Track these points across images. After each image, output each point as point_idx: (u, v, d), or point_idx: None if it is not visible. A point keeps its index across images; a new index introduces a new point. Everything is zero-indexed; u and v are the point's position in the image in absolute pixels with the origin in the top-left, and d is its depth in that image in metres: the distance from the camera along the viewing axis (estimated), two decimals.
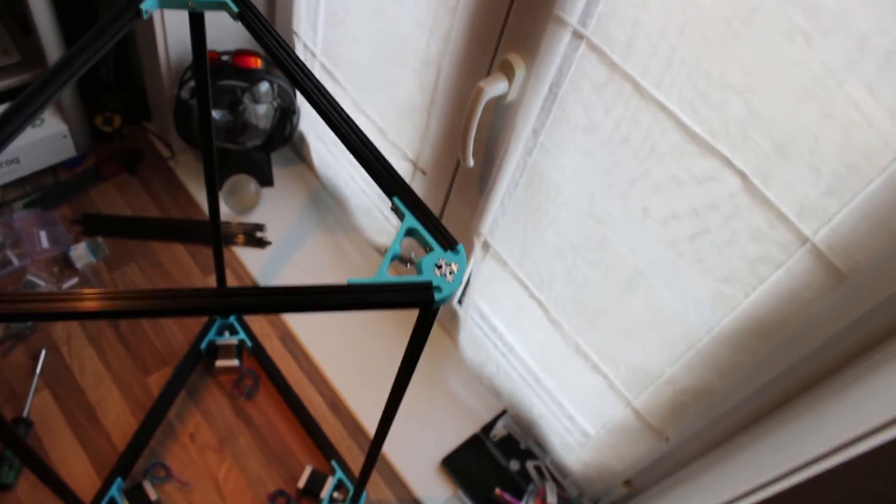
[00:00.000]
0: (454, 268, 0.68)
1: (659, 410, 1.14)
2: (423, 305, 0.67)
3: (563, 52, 0.96)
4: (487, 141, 1.15)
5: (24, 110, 0.72)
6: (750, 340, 0.90)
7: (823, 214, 0.76)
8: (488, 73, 1.10)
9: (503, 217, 1.22)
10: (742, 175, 0.82)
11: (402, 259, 0.69)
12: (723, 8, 0.77)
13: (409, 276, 0.67)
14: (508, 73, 1.04)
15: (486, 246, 1.29)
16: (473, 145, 1.10)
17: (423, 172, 1.34)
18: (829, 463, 0.66)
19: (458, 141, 1.11)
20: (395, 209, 0.72)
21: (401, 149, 1.37)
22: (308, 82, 0.78)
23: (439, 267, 0.68)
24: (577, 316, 1.20)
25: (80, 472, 1.32)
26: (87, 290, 0.61)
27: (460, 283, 0.68)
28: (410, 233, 0.71)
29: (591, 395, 1.29)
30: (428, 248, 0.70)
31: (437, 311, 0.71)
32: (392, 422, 1.03)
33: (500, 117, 1.11)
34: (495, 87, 1.03)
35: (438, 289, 0.67)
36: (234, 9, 0.82)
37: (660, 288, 1.03)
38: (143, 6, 0.80)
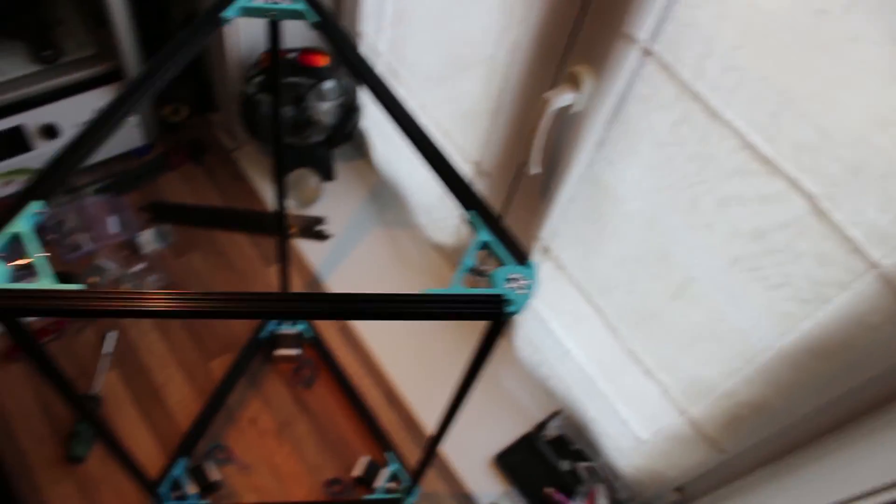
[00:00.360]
0: (525, 281, 0.71)
1: (715, 421, 1.15)
2: (494, 318, 0.70)
3: (631, 67, 0.97)
4: (552, 148, 1.16)
5: (112, 118, 0.76)
6: (810, 360, 0.90)
7: (893, 241, 0.77)
8: (554, 84, 1.11)
9: (564, 223, 1.23)
10: (809, 197, 0.83)
11: (475, 271, 0.72)
12: (797, 32, 0.77)
13: (481, 289, 0.70)
14: (575, 84, 1.05)
15: (545, 250, 1.31)
16: (538, 152, 1.12)
17: (486, 174, 1.36)
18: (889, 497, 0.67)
19: (524, 147, 1.13)
20: (470, 223, 0.74)
21: (465, 150, 1.39)
22: (385, 94, 0.81)
23: (511, 280, 0.71)
24: (635, 324, 1.21)
25: (145, 450, 1.38)
26: (164, 292, 0.64)
27: (530, 296, 0.70)
28: (484, 246, 0.73)
29: (647, 402, 1.30)
30: (500, 262, 0.72)
31: (505, 322, 0.73)
32: (451, 424, 1.06)
33: (565, 126, 1.12)
34: (562, 98, 1.05)
35: (510, 302, 0.69)
36: (313, 18, 0.84)
37: (720, 302, 1.04)
38: (226, 14, 0.83)
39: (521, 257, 0.72)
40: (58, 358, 1.44)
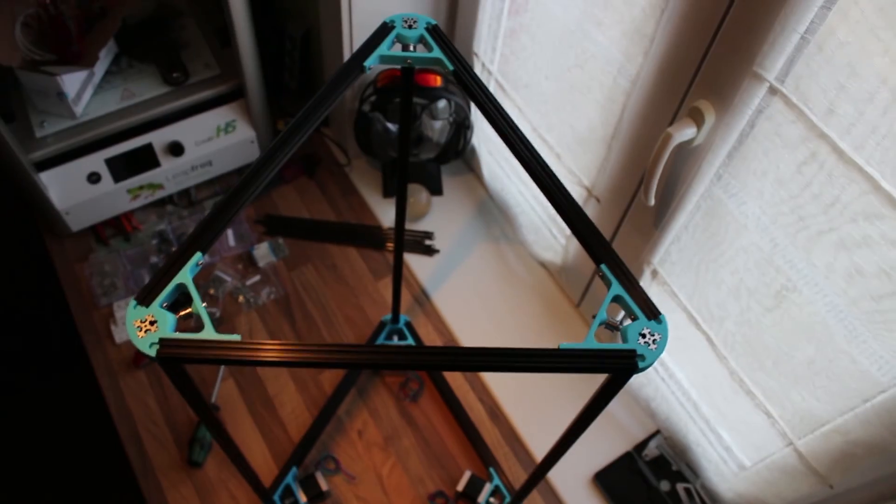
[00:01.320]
0: (657, 337, 0.72)
1: (825, 457, 1.14)
2: (627, 372, 0.72)
3: (757, 105, 0.96)
4: (668, 179, 1.17)
5: (267, 168, 0.80)
6: None
7: None
8: (674, 116, 1.11)
9: (676, 251, 1.24)
10: None
11: (609, 325, 0.74)
12: None
13: (615, 344, 0.72)
14: (697, 119, 1.05)
15: (654, 274, 1.32)
16: (655, 185, 1.13)
17: (598, 200, 1.37)
18: None
19: (642, 179, 1.14)
20: (602, 276, 0.76)
21: (576, 175, 1.41)
22: (522, 147, 0.83)
23: (643, 336, 0.72)
24: (745, 354, 1.21)
25: (258, 458, 1.44)
26: (314, 345, 0.68)
27: (662, 352, 0.72)
28: (617, 300, 0.75)
29: (752, 430, 1.30)
30: (633, 317, 0.74)
31: (626, 379, 0.75)
32: (562, 456, 1.08)
33: (682, 158, 1.12)
34: (684, 132, 1.05)
35: (642, 357, 0.71)
36: (450, 67, 0.87)
37: (838, 340, 1.03)
38: (367, 63, 0.87)
39: (653, 312, 0.73)
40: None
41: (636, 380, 1.50)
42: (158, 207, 1.71)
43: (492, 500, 1.42)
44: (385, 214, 1.76)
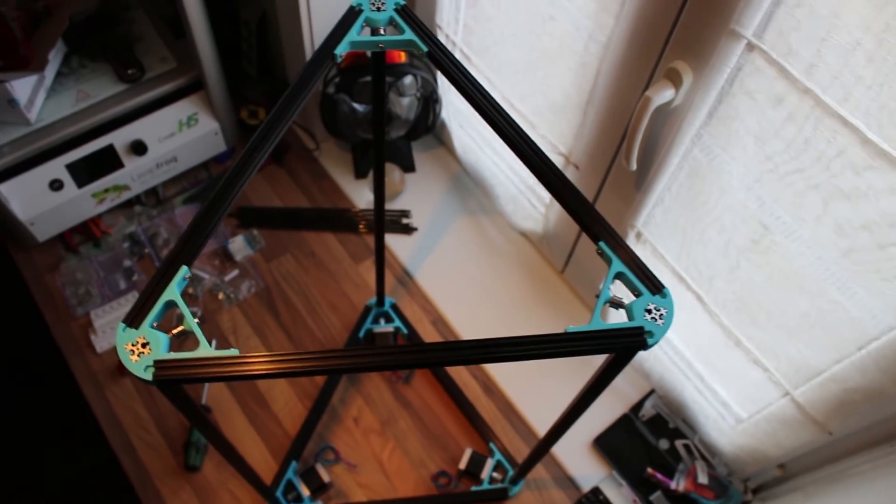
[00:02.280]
0: (664, 312, 0.71)
1: (822, 405, 1.15)
2: (636, 350, 0.70)
3: (735, 63, 0.95)
4: (648, 142, 1.15)
5: (246, 169, 0.77)
6: None
7: None
8: (650, 79, 1.09)
9: (661, 212, 1.23)
10: None
11: (613, 303, 0.72)
12: None
13: (621, 323, 0.70)
14: (675, 80, 1.04)
15: (639, 236, 1.31)
16: (636, 149, 1.11)
17: (576, 167, 1.35)
18: None
19: (620, 143, 1.12)
20: (601, 254, 0.75)
21: (552, 143, 1.39)
22: (506, 125, 0.81)
23: (649, 311, 0.71)
24: (736, 311, 1.21)
25: (256, 455, 1.42)
26: (321, 352, 0.66)
27: (669, 326, 0.71)
28: (619, 277, 0.73)
29: (747, 384, 1.30)
30: (636, 293, 0.73)
31: (631, 356, 0.74)
32: (563, 435, 1.08)
33: (661, 120, 1.11)
34: (662, 95, 1.03)
35: (650, 333, 0.70)
36: (424, 48, 0.84)
37: (831, 292, 1.03)
38: (337, 52, 0.84)
39: (657, 287, 0.72)
40: None
41: None
42: (126, 209, 1.66)
43: (495, 474, 1.41)
44: (359, 196, 1.72)
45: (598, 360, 1.52)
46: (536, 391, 1.52)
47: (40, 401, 2.09)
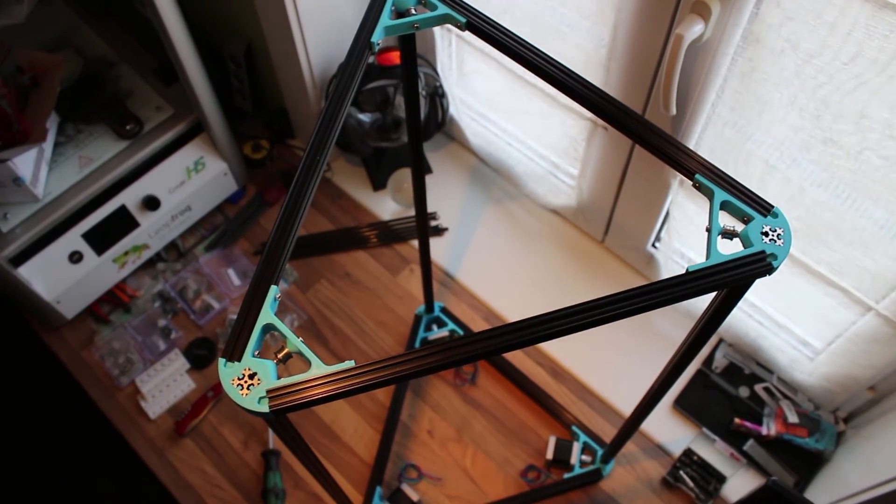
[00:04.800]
0: (780, 231, 0.67)
1: None
2: (760, 276, 0.66)
3: None
4: (680, 83, 1.11)
5: (312, 174, 0.73)
6: None
7: None
8: (672, 20, 1.06)
9: (705, 153, 1.19)
10: None
11: (725, 234, 0.68)
12: None
13: (740, 251, 0.66)
14: (703, 13, 1.00)
15: (683, 183, 1.27)
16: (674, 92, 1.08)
17: (605, 128, 1.32)
18: None
19: (649, 92, 1.09)
20: (699, 187, 0.71)
21: (577, 110, 1.35)
22: (574, 82, 0.77)
23: (766, 234, 0.67)
24: (802, 237, 1.17)
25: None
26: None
27: (790, 246, 0.66)
28: (725, 206, 0.69)
29: (822, 311, 1.26)
30: (746, 219, 0.68)
31: (750, 284, 0.69)
32: (658, 401, 1.04)
33: (691, 59, 1.07)
34: (692, 30, 1.00)
35: (773, 256, 0.66)
36: (461, 20, 0.80)
37: None
38: (374, 39, 0.80)
39: (766, 208, 0.68)
40: (224, 422, 1.44)
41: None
42: (149, 269, 1.61)
43: (584, 457, 1.37)
44: (380, 208, 1.68)
45: (660, 323, 1.50)
46: (604, 366, 1.48)
47: (103, 482, 2.01)
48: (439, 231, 1.62)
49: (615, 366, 1.47)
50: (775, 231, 0.67)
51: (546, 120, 1.46)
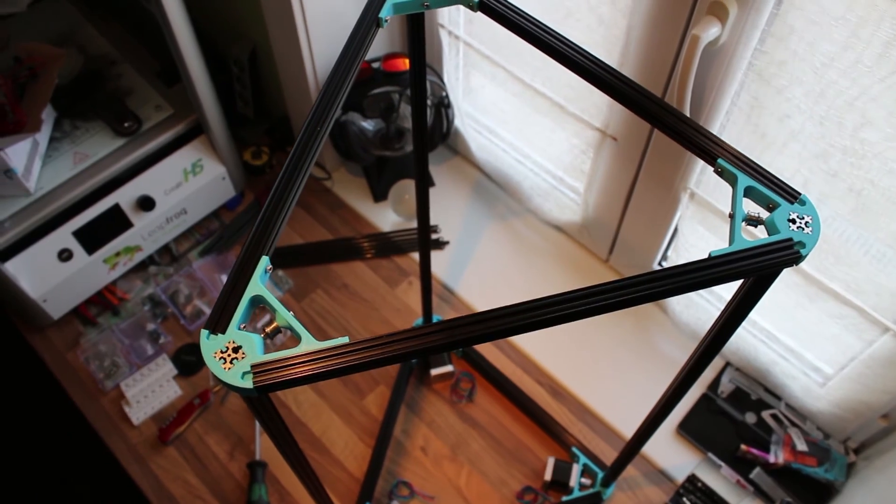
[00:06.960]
0: (808, 219, 0.63)
1: None
2: (788, 265, 0.62)
3: None
4: (695, 89, 1.08)
5: (309, 150, 0.70)
6: None
7: None
8: (688, 22, 1.03)
9: None
10: None
11: (750, 221, 0.64)
12: None
13: (765, 238, 0.62)
14: (719, 14, 0.97)
15: (693, 197, 1.23)
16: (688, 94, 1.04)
17: (614, 139, 1.28)
18: None
19: (673, 95, 1.05)
20: (721, 172, 0.67)
21: (585, 120, 1.31)
22: (593, 65, 0.74)
23: (793, 221, 0.63)
24: (817, 253, 1.13)
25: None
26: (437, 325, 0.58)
27: (819, 234, 0.62)
28: (749, 193, 0.65)
29: (833, 334, 1.22)
30: (771, 206, 0.64)
31: (778, 274, 0.65)
32: (662, 422, 0.99)
33: (706, 62, 1.04)
34: (709, 32, 0.97)
35: (801, 244, 0.61)
36: (474, 0, 0.77)
37: None
38: (382, 14, 0.76)
39: (793, 195, 0.64)
40: (210, 431, 1.39)
41: (691, 315, 1.41)
42: (141, 272, 1.56)
43: (584, 480, 1.31)
44: (380, 219, 1.64)
45: (664, 344, 1.45)
46: (606, 387, 1.42)
47: (80, 488, 1.93)
48: (440, 244, 1.58)
49: (618, 387, 1.42)
50: (803, 219, 0.63)
51: (553, 133, 1.43)
